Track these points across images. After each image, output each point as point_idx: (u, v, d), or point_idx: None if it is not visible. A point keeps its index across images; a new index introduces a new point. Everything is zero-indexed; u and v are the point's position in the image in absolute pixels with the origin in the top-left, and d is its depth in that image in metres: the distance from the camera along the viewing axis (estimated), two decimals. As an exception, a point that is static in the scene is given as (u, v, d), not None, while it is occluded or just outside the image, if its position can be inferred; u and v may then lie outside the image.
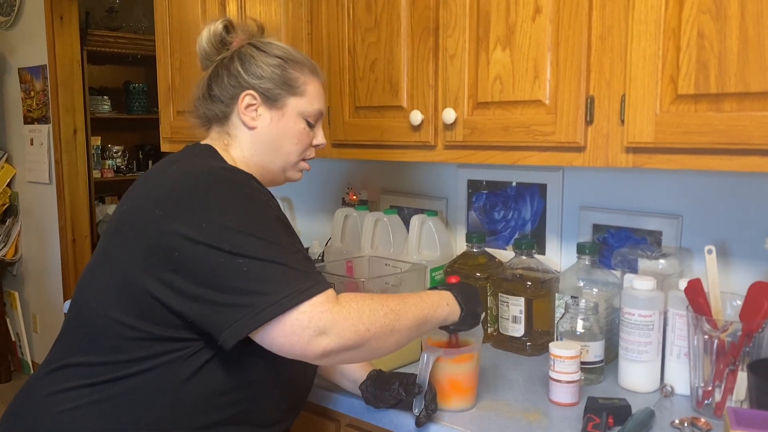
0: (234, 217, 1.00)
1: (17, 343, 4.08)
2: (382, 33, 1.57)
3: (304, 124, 1.23)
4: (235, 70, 1.20)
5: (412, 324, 1.08)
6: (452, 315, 1.16)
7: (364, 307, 1.02)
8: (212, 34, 1.22)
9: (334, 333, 0.98)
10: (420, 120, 1.50)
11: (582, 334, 1.35)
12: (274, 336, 0.97)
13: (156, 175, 1.13)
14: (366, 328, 1.01)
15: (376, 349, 1.05)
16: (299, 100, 1.22)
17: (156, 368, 1.03)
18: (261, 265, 0.98)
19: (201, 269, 0.99)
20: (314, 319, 0.97)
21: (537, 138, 1.33)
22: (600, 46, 1.25)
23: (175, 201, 1.03)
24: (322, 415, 1.40)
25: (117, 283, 1.05)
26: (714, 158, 1.13)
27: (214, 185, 1.05)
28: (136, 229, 1.05)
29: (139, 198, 1.10)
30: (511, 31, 1.34)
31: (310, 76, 1.24)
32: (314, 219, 2.28)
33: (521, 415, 1.22)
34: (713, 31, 1.09)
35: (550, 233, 1.71)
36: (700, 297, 1.21)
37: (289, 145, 1.22)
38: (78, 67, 3.74)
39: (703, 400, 1.22)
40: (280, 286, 0.97)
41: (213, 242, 0.98)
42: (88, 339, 1.07)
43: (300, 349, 0.98)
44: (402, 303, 1.08)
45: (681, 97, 1.14)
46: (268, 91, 1.19)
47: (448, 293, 1.18)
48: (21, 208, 4.04)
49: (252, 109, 1.20)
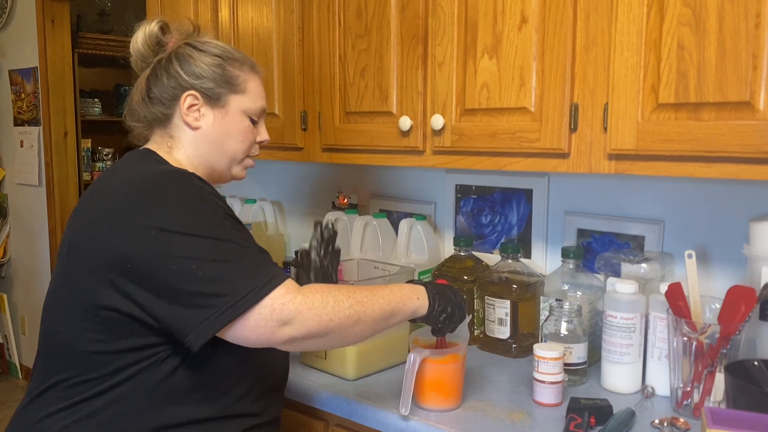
0: (181, 221, 1.01)
1: (5, 345, 4.06)
2: (373, 40, 1.59)
3: (247, 121, 1.23)
4: (174, 71, 1.19)
5: (378, 316, 1.10)
6: (421, 309, 1.17)
7: (329, 297, 1.04)
8: (147, 35, 1.21)
9: (297, 323, 1.01)
10: (409, 126, 1.53)
11: (566, 336, 1.38)
12: (241, 331, 1.00)
13: (100, 188, 1.12)
14: (329, 318, 1.03)
15: (342, 338, 1.07)
16: (242, 98, 1.21)
17: (131, 378, 1.04)
18: (215, 266, 0.99)
19: (156, 278, 1.00)
20: (276, 311, 0.99)
21: (523, 144, 1.36)
22: (584, 55, 1.28)
23: (121, 213, 1.03)
24: (311, 415, 1.42)
25: (79, 304, 1.05)
26: (693, 165, 1.16)
27: (157, 190, 1.04)
28: (87, 248, 1.05)
29: (87, 213, 1.10)
30: (498, 40, 1.38)
31: (250, 74, 1.23)
32: (304, 222, 2.30)
33: (506, 415, 1.25)
34: (693, 43, 1.13)
35: (535, 237, 1.74)
36: (680, 300, 1.24)
37: (234, 143, 1.22)
38: (69, 69, 3.74)
39: (682, 401, 1.25)
40: (238, 284, 0.99)
41: (163, 250, 0.99)
42: (60, 361, 1.08)
43: (266, 339, 1.01)
44: (370, 295, 1.10)
45: (662, 106, 1.18)
46: (210, 91, 1.18)
47: (422, 287, 1.19)
48: (10, 210, 4.03)
49: (194, 110, 1.19)
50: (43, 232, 3.80)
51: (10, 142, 3.95)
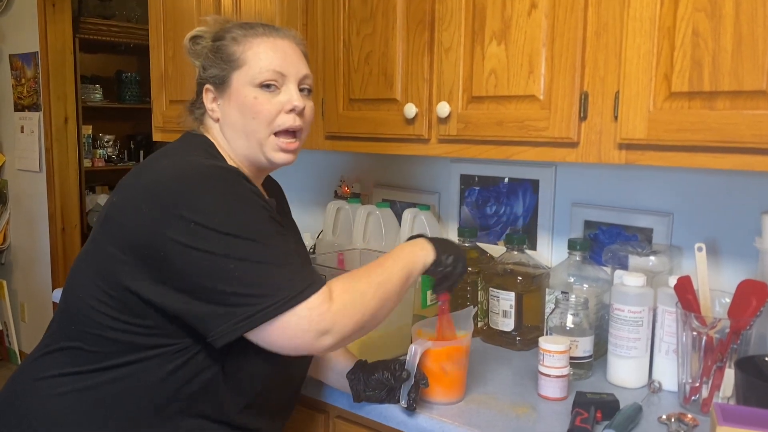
0: (223, 218, 0.99)
1: (5, 332, 4.05)
2: (378, 25, 1.56)
3: (256, 92, 1.12)
4: (200, 70, 1.19)
5: (399, 287, 1.10)
6: (428, 257, 1.16)
7: (356, 295, 1.03)
8: (186, 47, 1.22)
9: (336, 330, 1.00)
10: (414, 113, 1.50)
11: (571, 329, 1.36)
12: (277, 337, 0.99)
13: (147, 168, 1.10)
14: (362, 314, 1.03)
15: (375, 324, 1.08)
16: (241, 71, 1.12)
17: (141, 361, 1.03)
18: (252, 267, 0.98)
19: (190, 272, 0.98)
20: (313, 322, 0.98)
21: (531, 133, 1.33)
22: (595, 42, 1.25)
23: (163, 200, 1.00)
24: (312, 407, 1.40)
25: (103, 276, 1.04)
26: (706, 156, 1.14)
27: (204, 185, 1.02)
28: (122, 224, 1.03)
29: (129, 190, 1.08)
30: (506, 26, 1.34)
31: (253, 40, 1.14)
32: (306, 211, 2.28)
33: (510, 409, 1.23)
34: (708, 30, 1.10)
35: (541, 229, 1.71)
36: (689, 294, 1.22)
37: (248, 121, 1.12)
38: (70, 54, 3.71)
39: (690, 397, 1.23)
40: (273, 288, 0.97)
41: (201, 245, 0.97)
42: (76, 327, 1.07)
43: (305, 349, 1.01)
44: (384, 270, 1.09)
45: (674, 95, 1.15)
46: (216, 78, 1.15)
47: (419, 239, 1.20)
48: (10, 195, 4.01)
49: (214, 102, 1.17)
50: (43, 218, 3.78)
51: (10, 128, 3.92)
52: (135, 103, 4.54)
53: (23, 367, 1.12)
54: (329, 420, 1.39)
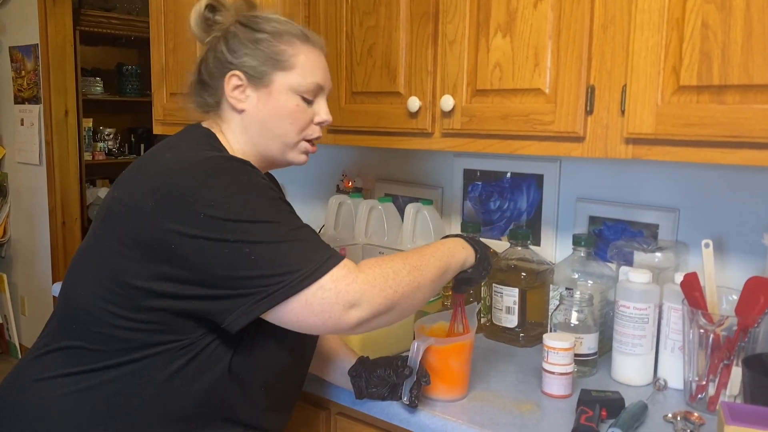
0: (233, 206, 0.96)
1: (5, 325, 4.05)
2: (381, 17, 1.54)
3: (297, 100, 1.13)
4: (220, 52, 1.13)
5: (435, 276, 1.07)
6: (469, 258, 1.15)
7: (388, 270, 1.00)
8: (197, 15, 1.14)
9: (365, 302, 0.96)
10: (417, 107, 1.48)
11: (576, 326, 1.34)
12: (303, 315, 0.95)
13: (150, 162, 1.08)
14: (394, 290, 0.99)
15: (406, 308, 1.04)
16: (287, 75, 1.11)
17: (146, 359, 1.01)
18: (269, 248, 0.95)
19: (205, 263, 0.95)
20: (341, 293, 0.95)
21: (536, 127, 1.31)
22: (602, 35, 1.23)
23: (169, 193, 0.98)
24: (313, 404, 1.39)
25: (107, 272, 1.01)
26: (715, 151, 1.12)
27: (210, 175, 0.99)
28: (126, 220, 1.01)
29: (132, 184, 1.05)
30: (512, 18, 1.32)
31: (301, 47, 1.13)
32: (308, 206, 2.26)
33: (513, 406, 1.21)
34: (717, 22, 1.08)
35: (545, 224, 1.70)
36: (696, 291, 1.20)
37: (283, 125, 1.13)
38: (70, 47, 3.69)
39: (696, 395, 1.21)
40: (292, 265, 0.94)
41: (213, 235, 0.95)
42: (77, 325, 1.04)
43: (333, 324, 0.96)
44: (421, 257, 1.07)
45: (683, 89, 1.13)
46: (253, 69, 1.11)
47: (461, 239, 1.18)
48: (10, 189, 3.99)
49: (239, 91, 1.12)
50: (43, 211, 3.76)
51: (10, 120, 3.90)
52: (136, 96, 4.52)
53: (22, 367, 1.08)
54: (331, 417, 1.38)
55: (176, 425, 1.03)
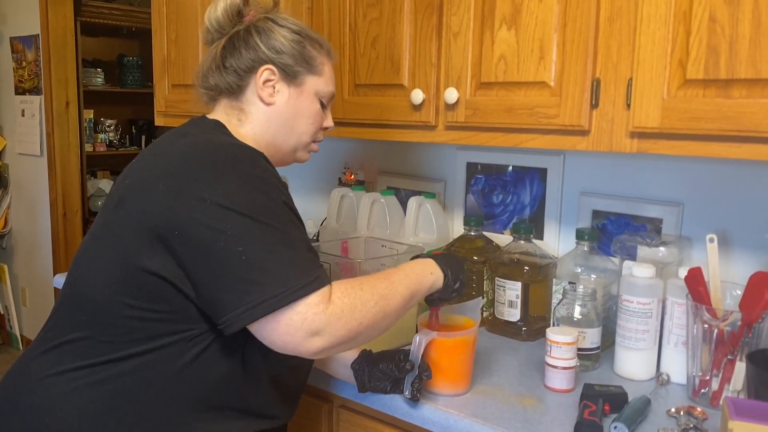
0: (240, 198, 0.96)
1: (6, 316, 4.05)
2: (385, 9, 1.53)
3: (318, 104, 1.21)
4: (254, 43, 1.15)
5: (400, 305, 1.08)
6: (437, 282, 1.16)
7: (356, 301, 1.00)
8: (229, 4, 1.18)
9: (327, 333, 0.97)
10: (421, 99, 1.47)
11: (579, 320, 1.34)
12: (268, 332, 0.96)
13: (163, 148, 1.08)
14: (359, 322, 1.00)
15: (370, 336, 1.04)
16: (317, 80, 1.20)
17: (157, 350, 1.00)
18: (262, 253, 0.95)
19: (202, 251, 0.96)
20: (307, 321, 0.95)
21: (540, 120, 1.31)
22: (608, 28, 1.22)
23: (181, 177, 0.98)
24: (316, 396, 1.39)
25: (118, 261, 1.01)
26: (721, 145, 1.11)
27: (223, 162, 1.00)
28: (138, 206, 1.01)
29: (144, 171, 1.05)
30: (517, 10, 1.31)
31: (326, 57, 1.22)
32: (310, 198, 2.26)
33: (516, 400, 1.21)
34: (725, 15, 1.07)
35: (548, 218, 1.69)
36: (700, 286, 1.20)
37: (305, 124, 1.20)
38: (71, 38, 3.67)
39: (699, 390, 1.21)
40: (279, 279, 0.95)
41: (215, 224, 0.95)
42: (86, 317, 1.03)
43: (293, 348, 0.97)
44: (390, 285, 1.07)
45: (689, 82, 1.12)
46: (288, 67, 1.16)
47: (431, 261, 1.18)
48: (11, 180, 3.99)
49: (270, 85, 1.16)
50: (44, 202, 3.76)
51: (11, 111, 3.89)
52: (137, 88, 4.51)
53: (29, 363, 1.06)
54: (333, 409, 1.38)
55: (190, 416, 1.03)
